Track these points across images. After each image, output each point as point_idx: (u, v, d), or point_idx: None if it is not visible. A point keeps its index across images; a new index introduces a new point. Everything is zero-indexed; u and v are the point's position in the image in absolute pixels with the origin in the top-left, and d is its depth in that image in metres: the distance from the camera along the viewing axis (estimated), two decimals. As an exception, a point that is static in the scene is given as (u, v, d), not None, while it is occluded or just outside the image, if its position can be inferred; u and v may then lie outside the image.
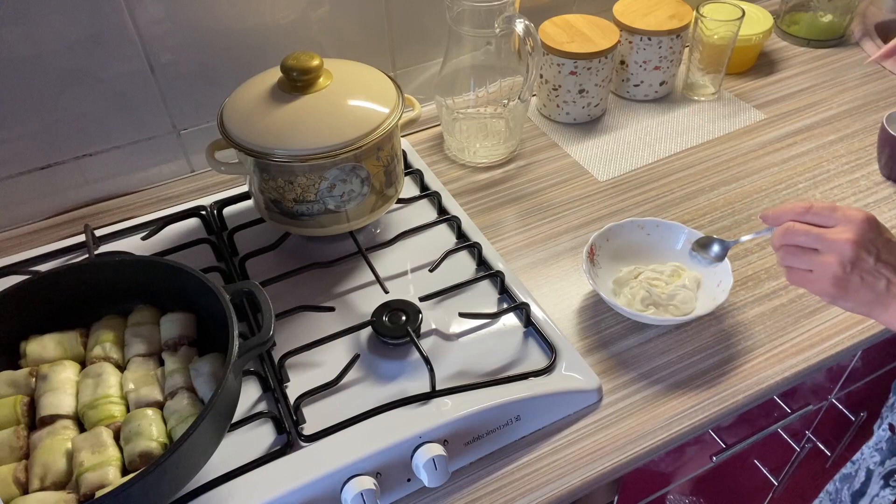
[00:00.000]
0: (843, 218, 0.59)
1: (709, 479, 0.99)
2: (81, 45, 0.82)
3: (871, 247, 0.58)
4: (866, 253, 0.58)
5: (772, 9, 1.23)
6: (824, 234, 0.59)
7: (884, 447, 0.74)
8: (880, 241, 0.59)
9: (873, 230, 0.59)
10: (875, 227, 0.59)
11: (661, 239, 0.82)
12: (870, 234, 0.58)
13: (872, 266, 0.58)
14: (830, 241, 0.59)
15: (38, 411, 0.62)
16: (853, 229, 0.58)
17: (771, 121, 1.07)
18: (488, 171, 0.99)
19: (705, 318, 0.79)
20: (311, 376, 0.71)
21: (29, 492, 0.58)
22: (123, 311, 0.71)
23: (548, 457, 0.68)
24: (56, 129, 0.87)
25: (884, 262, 0.58)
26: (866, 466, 0.76)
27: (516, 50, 0.93)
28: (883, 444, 0.75)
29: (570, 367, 0.72)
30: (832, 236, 0.59)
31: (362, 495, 0.61)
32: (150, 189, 0.97)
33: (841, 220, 0.59)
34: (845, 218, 0.59)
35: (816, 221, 0.60)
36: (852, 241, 0.58)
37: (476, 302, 0.79)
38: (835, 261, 0.58)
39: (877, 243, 0.58)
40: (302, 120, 0.74)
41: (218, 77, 0.91)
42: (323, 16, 0.94)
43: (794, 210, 0.61)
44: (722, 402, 0.72)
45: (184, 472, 0.58)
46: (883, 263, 0.58)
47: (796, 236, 0.61)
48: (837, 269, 0.58)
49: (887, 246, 0.59)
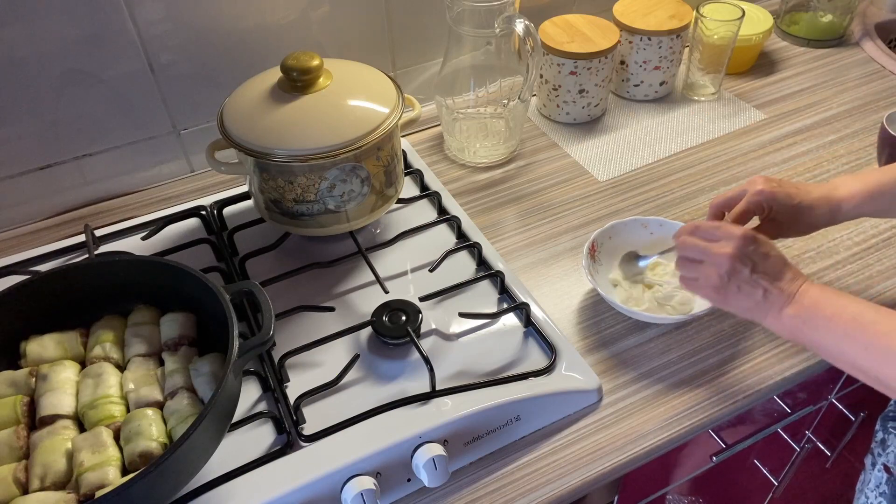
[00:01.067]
0: (724, 234, 0.65)
1: (709, 479, 0.99)
2: (81, 45, 0.82)
3: (747, 260, 0.64)
4: (741, 265, 0.64)
5: (772, 9, 1.23)
6: (708, 248, 0.66)
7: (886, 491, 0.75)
8: (757, 255, 0.64)
9: (750, 245, 0.64)
10: (752, 242, 0.64)
11: (663, 238, 0.82)
12: (746, 249, 0.64)
13: (748, 277, 0.64)
14: (711, 254, 0.65)
15: (38, 411, 0.62)
16: (731, 244, 0.64)
17: (771, 121, 1.07)
18: (488, 171, 0.99)
19: (705, 319, 0.79)
20: (311, 376, 0.71)
21: (29, 492, 0.58)
22: (123, 311, 0.71)
23: (548, 457, 0.68)
24: (56, 129, 0.87)
25: (760, 272, 0.64)
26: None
27: (516, 50, 0.93)
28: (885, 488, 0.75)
29: (570, 367, 0.72)
30: (714, 250, 0.65)
31: (362, 495, 0.61)
32: (150, 189, 0.97)
33: (722, 237, 0.65)
34: (726, 234, 0.65)
35: (704, 237, 0.67)
36: (729, 255, 0.64)
37: (476, 302, 0.79)
38: (714, 272, 0.65)
39: (753, 257, 0.64)
40: (302, 120, 0.74)
41: (218, 77, 0.91)
42: (323, 16, 0.94)
43: (687, 228, 0.69)
44: (722, 402, 0.72)
45: (184, 472, 0.58)
46: (759, 274, 0.64)
47: (686, 249, 0.68)
48: (716, 280, 0.65)
49: (764, 259, 0.64)
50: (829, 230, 0.89)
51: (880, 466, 0.75)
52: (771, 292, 0.63)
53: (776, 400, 0.91)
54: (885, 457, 0.75)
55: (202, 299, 0.66)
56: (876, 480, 0.76)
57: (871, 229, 0.89)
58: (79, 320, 0.70)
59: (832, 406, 1.03)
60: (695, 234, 0.68)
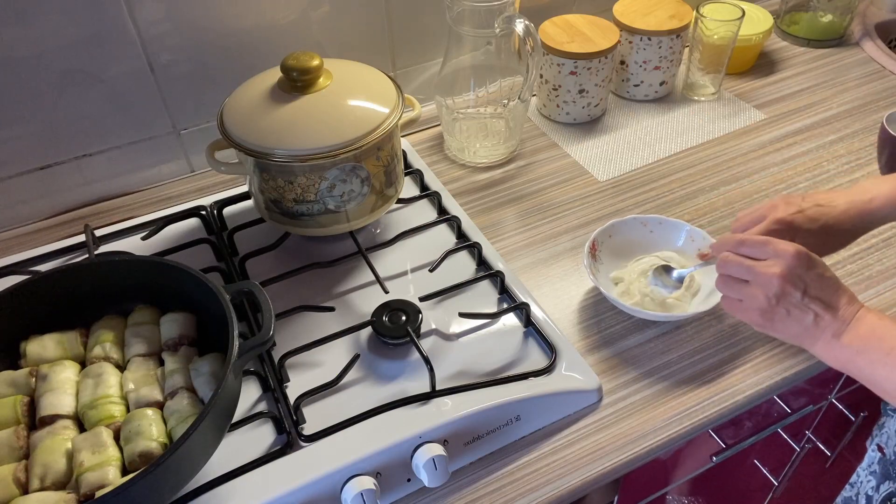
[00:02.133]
0: (773, 252, 0.60)
1: (709, 479, 0.99)
2: (81, 45, 0.82)
3: (799, 282, 0.59)
4: (792, 287, 0.59)
5: (772, 9, 1.23)
6: (754, 267, 0.61)
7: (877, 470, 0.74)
8: (809, 276, 0.59)
9: (802, 265, 0.59)
10: (805, 262, 0.59)
11: (662, 236, 0.82)
12: (798, 270, 0.59)
13: (799, 300, 0.59)
14: (758, 273, 0.60)
15: (38, 411, 0.62)
16: (781, 264, 0.59)
17: (771, 121, 1.07)
18: (488, 171, 0.99)
19: (705, 318, 0.79)
20: (311, 376, 0.71)
21: (29, 492, 0.58)
22: (123, 311, 0.71)
23: (548, 457, 0.68)
24: (56, 129, 0.87)
25: (812, 297, 0.59)
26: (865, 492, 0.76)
27: (516, 50, 0.93)
28: (875, 467, 0.75)
29: (570, 367, 0.72)
30: (761, 269, 0.60)
31: (362, 495, 0.61)
32: (150, 189, 0.97)
33: (771, 254, 0.60)
34: (775, 252, 0.60)
35: (750, 254, 0.62)
36: (779, 276, 0.59)
37: (476, 302, 0.79)
38: (761, 293, 0.60)
39: (805, 278, 0.59)
40: (302, 120, 0.74)
41: (218, 77, 0.91)
42: (323, 16, 0.94)
43: (729, 242, 0.63)
44: (722, 402, 0.72)
45: (184, 472, 0.58)
46: (811, 298, 0.59)
47: (729, 268, 0.63)
48: (763, 302, 0.60)
49: (817, 281, 0.59)
50: (829, 230, 0.89)
51: (874, 446, 0.75)
52: (823, 318, 0.59)
53: (776, 400, 0.91)
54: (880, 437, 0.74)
55: (202, 299, 0.66)
56: (869, 459, 0.76)
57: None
58: (79, 320, 0.70)
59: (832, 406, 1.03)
60: (740, 250, 0.62)
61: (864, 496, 0.76)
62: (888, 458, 0.72)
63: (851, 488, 0.79)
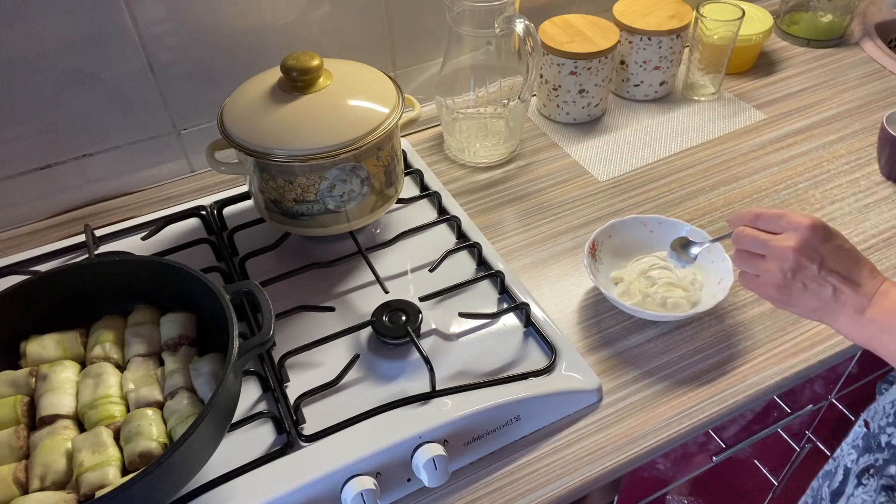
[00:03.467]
0: (788, 224, 0.59)
1: (709, 479, 0.99)
2: (81, 45, 0.82)
3: (815, 254, 0.57)
4: (808, 260, 0.57)
5: (772, 9, 1.23)
6: (769, 241, 0.59)
7: (860, 444, 0.74)
8: (826, 249, 0.58)
9: (818, 237, 0.58)
10: (821, 234, 0.58)
11: (662, 236, 0.82)
12: (814, 242, 0.58)
13: (816, 273, 0.57)
14: (773, 247, 0.59)
15: (38, 411, 0.62)
16: (796, 237, 0.58)
17: (771, 121, 1.07)
18: (488, 171, 0.99)
19: (705, 318, 0.79)
20: (311, 376, 0.71)
21: (29, 492, 0.58)
22: (123, 311, 0.71)
23: (548, 457, 0.68)
24: (56, 129, 0.87)
25: (829, 269, 0.57)
26: (844, 464, 0.75)
27: (516, 50, 0.93)
28: (859, 441, 0.74)
29: (570, 367, 0.72)
30: (775, 243, 0.59)
31: (362, 495, 0.61)
32: (150, 189, 0.97)
33: (787, 227, 0.59)
34: (790, 225, 0.59)
35: (765, 228, 0.60)
36: (793, 249, 0.58)
37: (476, 302, 0.79)
38: (776, 267, 0.59)
39: (821, 250, 0.58)
40: (302, 120, 0.74)
41: (218, 77, 0.91)
42: (323, 16, 0.94)
43: (746, 216, 0.62)
44: (722, 402, 0.72)
45: (184, 472, 0.58)
46: (828, 271, 0.57)
47: (744, 242, 0.61)
48: (778, 276, 0.59)
49: (835, 253, 0.58)
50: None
51: (861, 422, 0.74)
52: (843, 291, 0.57)
53: (776, 400, 0.91)
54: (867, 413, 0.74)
55: (202, 299, 0.66)
56: (854, 434, 0.74)
57: (871, 229, 0.89)
58: (79, 320, 0.70)
59: (832, 406, 1.03)
60: (755, 224, 0.61)
61: (843, 468, 0.75)
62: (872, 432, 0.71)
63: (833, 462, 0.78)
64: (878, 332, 0.56)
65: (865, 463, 0.71)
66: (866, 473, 0.70)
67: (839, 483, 0.75)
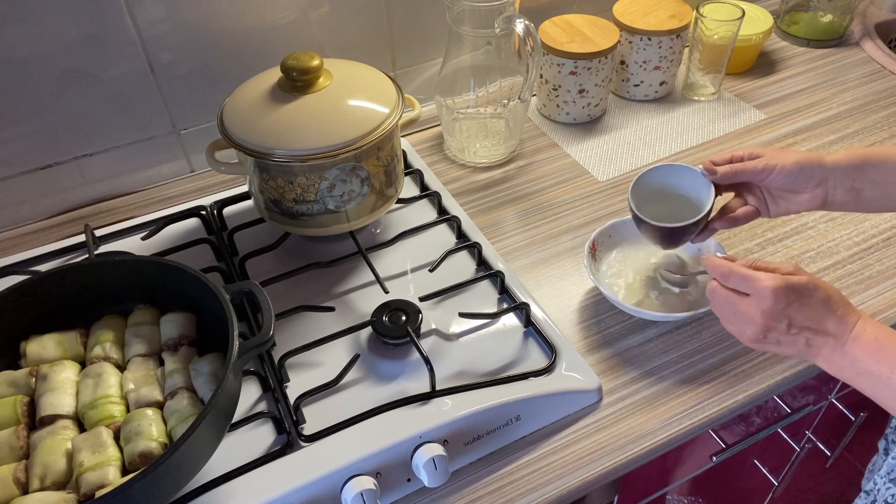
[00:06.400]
0: (754, 289, 0.60)
1: (709, 479, 0.99)
2: (81, 45, 0.82)
3: (781, 317, 0.59)
4: (775, 323, 0.60)
5: (772, 9, 1.23)
6: (738, 305, 0.61)
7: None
8: (791, 311, 0.59)
9: (781, 302, 0.59)
10: (784, 299, 0.59)
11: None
12: (778, 307, 0.59)
13: (786, 332, 0.60)
14: (741, 312, 0.61)
15: (38, 411, 0.62)
16: (761, 304, 0.60)
17: (771, 121, 1.07)
18: (488, 171, 0.99)
19: (705, 318, 0.79)
20: (311, 376, 0.71)
21: (29, 492, 0.58)
22: (123, 311, 0.71)
23: (548, 457, 0.68)
24: (56, 129, 0.87)
25: (799, 327, 0.60)
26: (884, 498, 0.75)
27: (516, 50, 0.93)
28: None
29: (570, 367, 0.72)
30: (742, 308, 0.61)
31: (362, 495, 0.61)
32: (150, 189, 0.97)
33: (753, 291, 0.60)
34: (754, 290, 0.60)
35: (734, 287, 0.62)
36: (760, 315, 0.60)
37: (476, 302, 0.79)
38: (748, 328, 0.61)
39: (787, 312, 0.59)
40: (302, 120, 0.74)
41: (218, 77, 0.91)
42: (323, 16, 0.94)
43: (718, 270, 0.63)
44: (722, 402, 0.72)
45: (184, 472, 0.58)
46: (798, 328, 0.60)
47: (716, 298, 0.64)
48: (751, 335, 0.61)
49: (801, 312, 0.59)
50: (828, 230, 0.89)
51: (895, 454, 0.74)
52: (814, 341, 0.59)
53: (776, 400, 0.91)
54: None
55: (202, 299, 0.66)
56: (889, 467, 0.75)
57: (871, 229, 0.89)
58: (79, 320, 0.70)
59: (832, 406, 1.03)
60: (726, 283, 0.63)
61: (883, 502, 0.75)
62: None
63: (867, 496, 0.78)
64: (852, 375, 0.59)
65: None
66: None
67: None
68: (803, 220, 0.91)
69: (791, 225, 0.90)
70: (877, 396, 0.58)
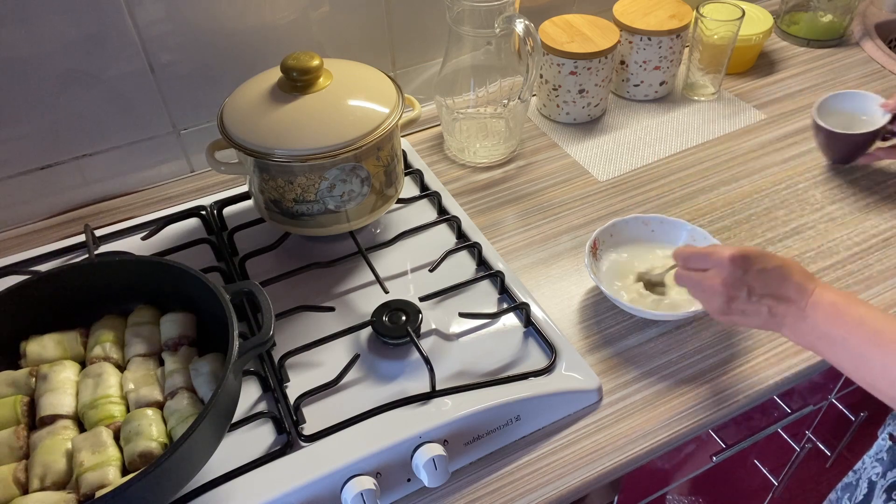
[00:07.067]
0: (712, 262, 0.63)
1: (709, 479, 0.99)
2: (81, 45, 0.82)
3: (741, 284, 0.62)
4: (736, 291, 0.62)
5: (772, 9, 1.23)
6: (701, 282, 0.65)
7: (884, 457, 0.74)
8: (750, 277, 0.61)
9: (739, 268, 0.62)
10: (741, 264, 0.61)
11: (664, 235, 0.82)
12: (736, 273, 0.62)
13: (747, 300, 0.62)
14: (704, 287, 0.64)
15: (38, 411, 0.62)
16: (721, 273, 0.62)
17: (771, 121, 1.07)
18: (488, 171, 0.99)
19: (705, 318, 0.79)
20: (311, 376, 0.71)
21: (29, 492, 0.58)
22: (123, 311, 0.71)
23: (548, 457, 0.68)
24: (56, 129, 0.87)
25: (759, 294, 0.62)
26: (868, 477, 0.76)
27: (516, 50, 0.93)
28: (884, 455, 0.75)
29: (570, 367, 0.72)
30: (705, 282, 0.64)
31: (362, 495, 0.61)
32: (150, 189, 0.97)
33: (712, 264, 0.63)
34: (714, 262, 0.63)
35: (696, 266, 0.66)
36: (720, 285, 0.62)
37: (476, 302, 0.79)
38: (713, 301, 0.64)
39: (746, 279, 0.62)
40: (302, 120, 0.74)
41: (218, 77, 0.91)
42: (323, 16, 0.94)
43: (681, 257, 0.67)
44: (722, 402, 0.72)
45: (184, 472, 0.58)
46: (759, 296, 0.62)
47: (682, 280, 0.67)
48: (717, 308, 0.64)
49: (760, 277, 0.61)
50: (828, 230, 0.89)
51: (885, 435, 0.75)
52: (776, 309, 0.61)
53: (776, 400, 0.91)
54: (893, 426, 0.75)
55: (202, 299, 0.66)
56: (877, 447, 0.76)
57: (871, 229, 0.89)
58: (79, 320, 0.70)
59: (832, 406, 1.03)
60: (687, 265, 0.67)
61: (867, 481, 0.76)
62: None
63: (854, 474, 0.79)
64: (814, 339, 0.61)
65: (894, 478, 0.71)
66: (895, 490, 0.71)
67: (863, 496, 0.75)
68: (803, 220, 0.91)
69: (791, 225, 0.90)
70: (837, 361, 0.59)
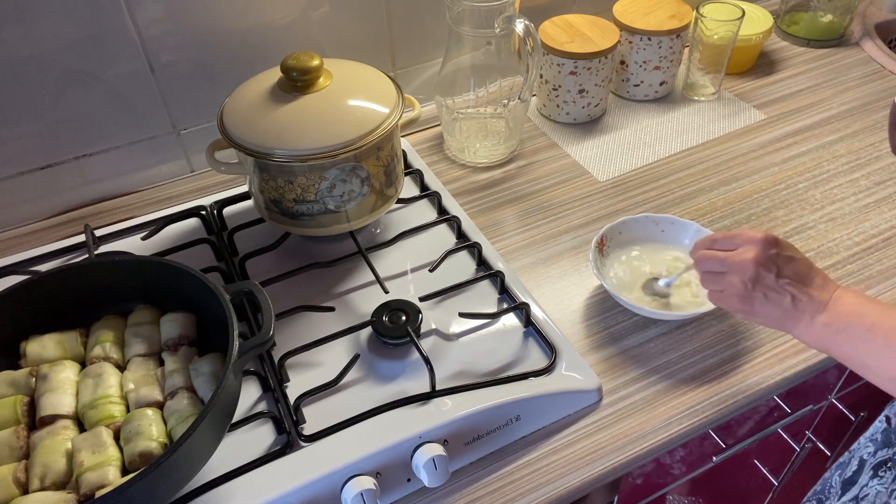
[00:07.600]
0: (743, 241, 0.63)
1: (709, 479, 0.99)
2: (81, 45, 0.82)
3: (771, 264, 0.61)
4: (765, 270, 0.61)
5: (772, 9, 1.23)
6: (728, 258, 0.64)
7: (878, 438, 0.75)
8: (781, 259, 0.62)
9: (772, 247, 0.62)
10: (774, 245, 0.62)
11: (674, 236, 0.82)
12: (769, 252, 0.62)
13: (774, 282, 0.61)
14: (732, 262, 0.63)
15: (38, 411, 0.62)
16: (753, 249, 0.62)
17: (771, 121, 1.07)
18: (488, 171, 0.99)
19: (706, 318, 0.79)
20: (311, 376, 0.71)
21: (29, 492, 0.58)
22: (123, 311, 0.71)
23: (548, 457, 0.68)
24: (56, 129, 0.87)
25: (786, 277, 0.61)
26: (860, 456, 0.76)
27: (516, 50, 0.93)
28: (878, 435, 0.75)
29: (570, 367, 0.72)
30: (734, 258, 0.63)
31: (362, 495, 0.61)
32: (150, 189, 0.97)
33: (742, 243, 0.63)
34: (745, 240, 0.63)
35: (723, 247, 0.65)
36: (751, 260, 0.62)
37: (476, 302, 0.79)
38: (738, 279, 0.62)
39: (777, 260, 0.61)
40: (302, 120, 0.74)
41: (218, 77, 0.91)
42: (323, 16, 0.94)
43: (705, 241, 0.67)
44: (722, 402, 0.72)
45: (184, 472, 0.58)
46: (786, 279, 0.61)
47: (706, 263, 0.66)
48: (740, 288, 0.62)
49: (790, 263, 0.62)
50: (828, 230, 0.89)
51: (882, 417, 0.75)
52: (800, 299, 0.60)
53: (776, 400, 0.91)
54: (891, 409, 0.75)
55: (202, 299, 0.66)
56: (874, 429, 0.76)
57: (871, 229, 0.89)
58: (79, 320, 0.70)
59: (832, 406, 1.03)
60: (713, 247, 0.66)
61: (858, 459, 0.76)
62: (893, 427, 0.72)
63: (849, 454, 0.79)
64: (832, 334, 0.60)
65: (884, 456, 0.72)
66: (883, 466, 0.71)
67: (852, 473, 0.76)
68: (803, 220, 0.91)
69: (791, 225, 0.90)
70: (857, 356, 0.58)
